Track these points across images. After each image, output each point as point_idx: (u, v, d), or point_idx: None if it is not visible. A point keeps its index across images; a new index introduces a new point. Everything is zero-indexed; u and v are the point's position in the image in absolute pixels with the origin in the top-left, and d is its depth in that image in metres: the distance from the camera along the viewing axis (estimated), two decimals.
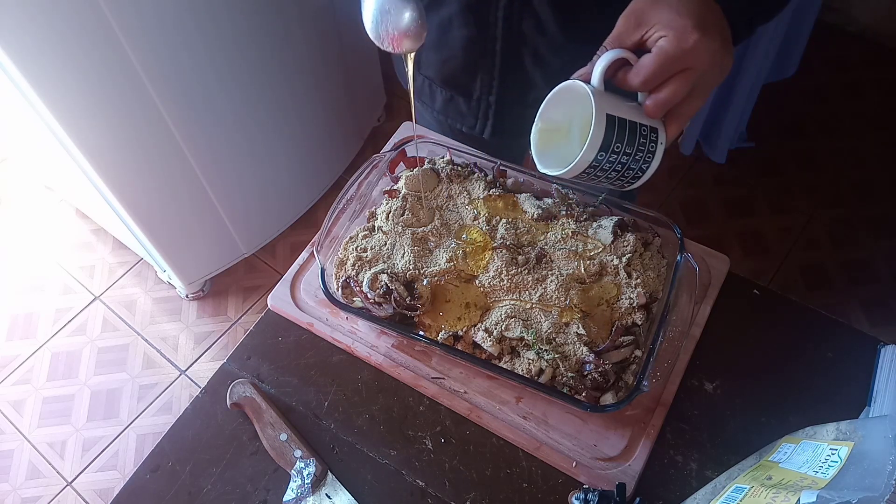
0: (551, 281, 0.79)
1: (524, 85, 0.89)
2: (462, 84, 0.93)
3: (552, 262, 0.81)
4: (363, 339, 0.84)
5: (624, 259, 0.80)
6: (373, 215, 0.88)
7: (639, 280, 0.79)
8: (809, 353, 0.82)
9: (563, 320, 0.77)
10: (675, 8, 0.56)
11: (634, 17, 0.58)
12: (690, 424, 0.78)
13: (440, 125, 1.06)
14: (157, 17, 1.32)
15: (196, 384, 1.85)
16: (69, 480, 1.73)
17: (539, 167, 0.65)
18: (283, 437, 0.77)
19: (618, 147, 0.59)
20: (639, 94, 0.61)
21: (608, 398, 0.73)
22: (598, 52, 0.60)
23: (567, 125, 0.67)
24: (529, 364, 0.74)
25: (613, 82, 0.61)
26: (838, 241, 1.98)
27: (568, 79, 0.63)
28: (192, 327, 1.94)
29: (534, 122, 0.66)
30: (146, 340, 1.92)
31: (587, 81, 0.61)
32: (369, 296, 0.79)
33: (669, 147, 0.63)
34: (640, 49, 0.59)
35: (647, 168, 0.62)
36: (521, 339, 0.76)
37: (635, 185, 0.65)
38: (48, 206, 2.17)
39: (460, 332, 0.77)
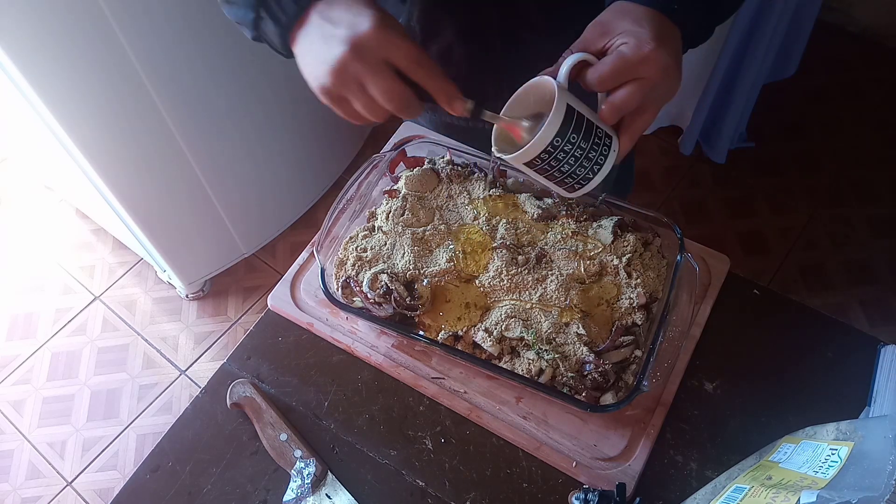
0: (551, 281, 0.79)
1: (532, 74, 0.90)
2: (472, 92, 0.94)
3: (552, 262, 0.81)
4: (363, 339, 0.84)
5: (624, 259, 0.80)
6: (373, 215, 0.88)
7: (639, 280, 0.79)
8: (809, 353, 0.82)
9: (563, 320, 0.77)
10: (638, 21, 0.60)
11: (601, 27, 0.62)
12: (690, 424, 0.78)
13: (447, 128, 1.06)
14: (157, 17, 1.32)
15: (196, 384, 1.85)
16: (69, 480, 1.73)
17: (494, 150, 0.66)
18: (283, 437, 0.77)
19: (573, 138, 0.61)
20: (598, 101, 0.64)
21: (608, 398, 0.73)
22: (564, 55, 0.63)
23: (529, 122, 0.67)
24: (529, 364, 0.74)
25: (577, 82, 0.63)
26: (838, 241, 1.98)
27: (536, 76, 0.65)
28: (192, 327, 1.94)
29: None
30: (146, 340, 1.92)
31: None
32: (369, 296, 0.79)
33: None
34: (603, 56, 0.62)
35: (598, 171, 0.64)
36: (521, 339, 0.76)
37: (580, 192, 0.66)
38: (48, 206, 2.17)
39: (460, 332, 0.77)
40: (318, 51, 0.61)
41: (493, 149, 0.67)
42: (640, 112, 0.62)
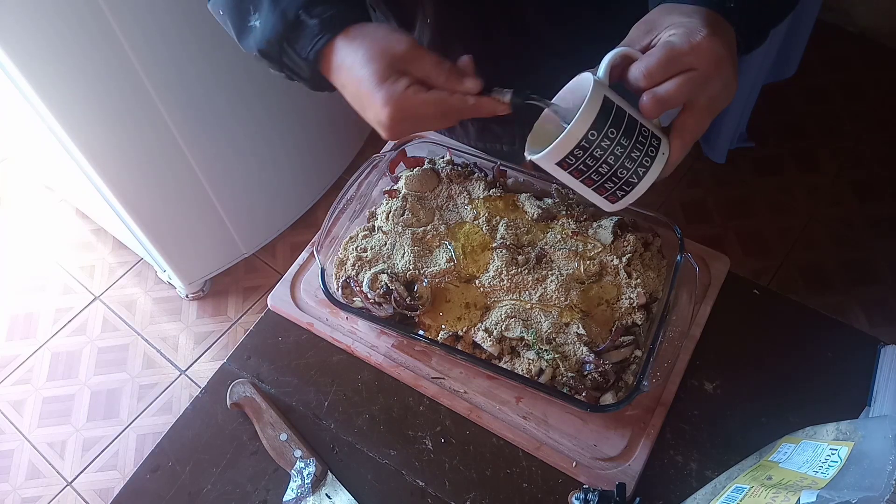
0: (551, 281, 0.79)
1: (550, 89, 0.90)
2: (494, 122, 0.94)
3: (552, 262, 0.81)
4: (363, 339, 0.84)
5: (624, 259, 0.80)
6: (373, 215, 0.88)
7: (639, 280, 0.79)
8: (809, 353, 0.82)
9: (563, 320, 0.77)
10: (688, 13, 0.55)
11: (646, 25, 0.57)
12: (690, 424, 0.78)
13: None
14: (158, 17, 1.32)
15: (196, 384, 1.85)
16: (69, 480, 1.73)
17: (527, 152, 0.61)
18: (283, 437, 0.77)
19: (611, 133, 0.55)
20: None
21: (608, 398, 0.73)
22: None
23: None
24: (529, 364, 0.74)
25: (623, 83, 0.58)
26: (838, 241, 1.98)
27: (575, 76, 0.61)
28: (192, 327, 1.94)
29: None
30: (146, 340, 1.92)
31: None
32: (369, 296, 0.79)
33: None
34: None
35: (643, 175, 0.57)
36: (521, 339, 0.76)
37: (624, 200, 0.59)
38: (48, 206, 2.17)
39: (460, 332, 0.77)
40: (367, 93, 0.62)
41: (526, 152, 0.62)
42: (692, 111, 0.55)
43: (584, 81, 0.58)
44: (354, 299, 0.81)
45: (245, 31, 0.64)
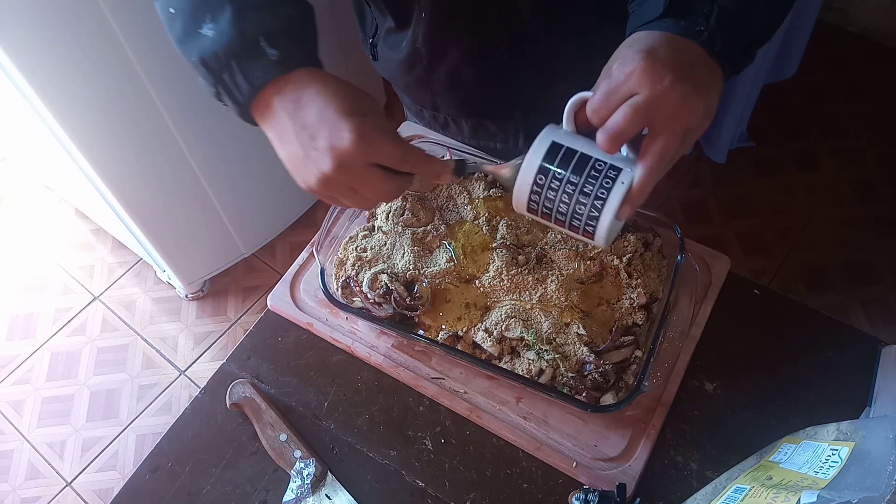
0: (551, 281, 0.79)
1: (546, 92, 0.89)
2: (486, 110, 0.94)
3: (552, 262, 0.81)
4: (363, 339, 0.84)
5: (624, 259, 0.80)
6: (373, 215, 0.88)
7: (639, 280, 0.79)
8: (809, 353, 0.82)
9: (564, 320, 0.77)
10: (633, 44, 0.55)
11: (605, 69, 0.57)
12: (691, 424, 0.78)
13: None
14: (157, 16, 1.32)
15: (196, 384, 1.85)
16: (69, 481, 1.73)
17: (514, 204, 0.63)
18: (283, 437, 0.77)
19: (559, 173, 0.57)
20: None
21: (608, 398, 0.73)
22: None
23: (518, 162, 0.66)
24: (529, 364, 0.74)
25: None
26: (838, 241, 1.98)
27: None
28: (191, 327, 1.94)
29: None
30: (146, 340, 1.92)
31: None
32: (369, 296, 0.78)
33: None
34: None
35: (603, 206, 0.57)
36: (521, 339, 0.75)
37: (598, 232, 0.59)
38: (48, 206, 2.17)
39: (460, 332, 0.77)
40: (297, 155, 0.59)
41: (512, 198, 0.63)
42: (653, 134, 0.54)
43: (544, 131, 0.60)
44: (354, 299, 0.81)
45: (192, 35, 0.61)
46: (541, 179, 0.58)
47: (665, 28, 0.56)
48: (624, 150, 0.58)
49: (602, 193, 0.57)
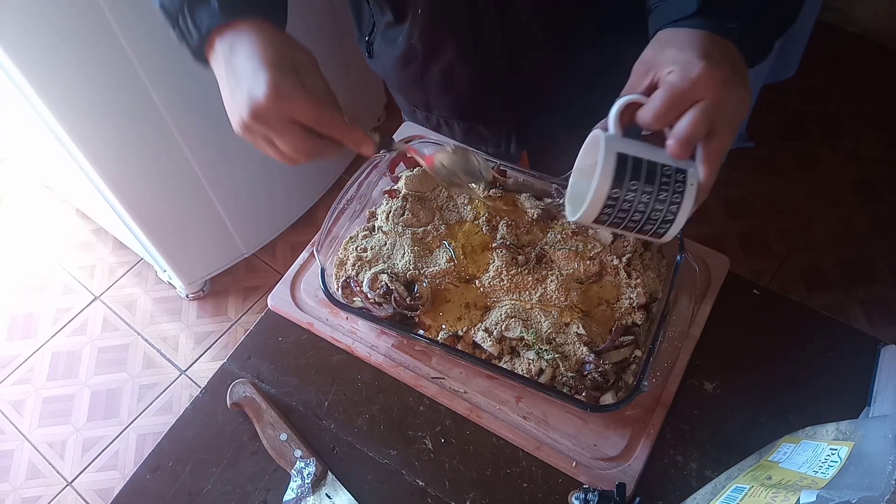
0: (551, 281, 0.79)
1: (540, 97, 0.89)
2: (479, 113, 0.94)
3: (552, 262, 0.81)
4: (363, 339, 0.84)
5: (624, 259, 0.80)
6: (373, 215, 0.88)
7: (639, 280, 0.79)
8: (809, 353, 0.82)
9: (563, 320, 0.77)
10: (680, 46, 0.57)
11: (643, 66, 0.58)
12: (690, 424, 0.78)
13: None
14: (157, 16, 1.32)
15: (196, 384, 1.85)
16: (69, 480, 1.73)
17: (568, 215, 0.64)
18: (283, 437, 0.77)
19: (633, 186, 0.57)
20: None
21: (608, 398, 0.73)
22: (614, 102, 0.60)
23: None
24: (529, 364, 0.74)
25: (635, 126, 0.60)
26: (838, 241, 1.98)
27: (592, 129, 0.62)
28: (192, 327, 1.94)
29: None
30: (146, 340, 1.92)
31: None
32: (369, 296, 0.79)
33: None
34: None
35: (678, 210, 0.59)
36: (521, 339, 0.76)
37: (669, 232, 0.62)
38: (48, 206, 2.17)
39: (460, 332, 0.77)
40: (227, 98, 0.64)
41: (567, 213, 0.64)
42: (712, 136, 0.57)
43: (596, 140, 0.60)
44: (354, 299, 0.81)
45: None
46: (615, 193, 0.57)
47: (699, 26, 0.57)
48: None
49: (676, 198, 0.58)
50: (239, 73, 0.61)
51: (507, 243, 0.81)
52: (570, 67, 0.85)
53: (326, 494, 0.75)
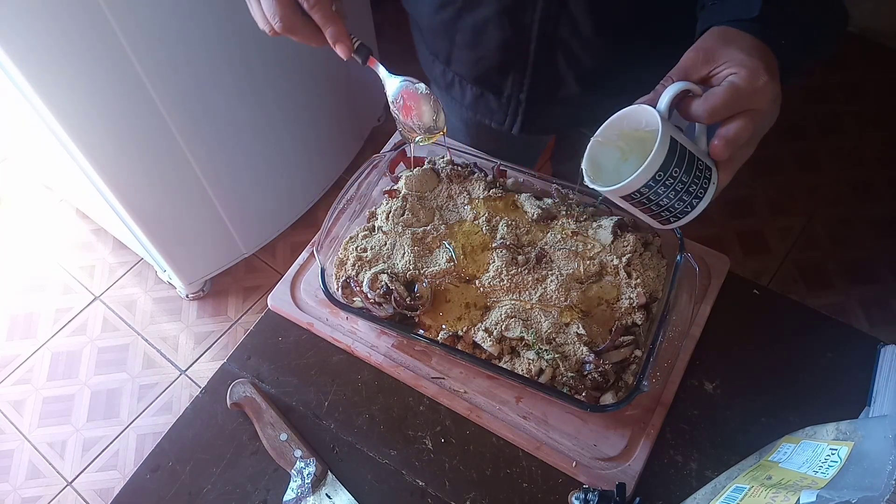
0: (551, 281, 0.79)
1: (555, 83, 0.89)
2: (494, 82, 0.93)
3: (552, 262, 0.81)
4: (363, 339, 0.84)
5: (624, 259, 0.80)
6: (373, 215, 0.88)
7: (639, 280, 0.79)
8: (809, 353, 0.82)
9: (563, 320, 0.77)
10: (747, 50, 0.58)
11: (704, 53, 0.59)
12: (690, 424, 0.78)
13: (465, 122, 1.05)
14: (157, 16, 1.32)
15: (196, 384, 1.85)
16: (69, 480, 1.73)
17: (587, 182, 0.64)
18: (283, 437, 0.77)
19: (675, 172, 0.59)
20: (696, 132, 0.61)
21: (608, 398, 0.73)
22: (662, 82, 0.61)
23: (622, 147, 0.66)
24: (529, 364, 0.74)
25: (677, 112, 0.61)
26: (838, 241, 1.98)
27: (633, 104, 0.62)
28: (192, 327, 1.94)
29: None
30: (146, 340, 1.92)
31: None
32: (369, 296, 0.79)
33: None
34: (705, 86, 0.60)
35: (696, 205, 0.61)
36: (521, 338, 0.76)
37: (673, 224, 0.64)
38: (48, 206, 2.17)
39: (460, 332, 0.77)
40: None
41: (584, 177, 0.64)
42: (745, 143, 0.59)
43: (643, 113, 0.60)
44: (354, 299, 0.81)
45: None
46: (659, 176, 0.59)
47: (754, 32, 0.59)
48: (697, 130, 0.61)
49: (700, 192, 0.61)
50: None
51: (507, 243, 0.81)
52: (596, 65, 0.85)
53: (326, 494, 0.75)
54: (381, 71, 0.73)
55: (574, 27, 0.81)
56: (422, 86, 0.74)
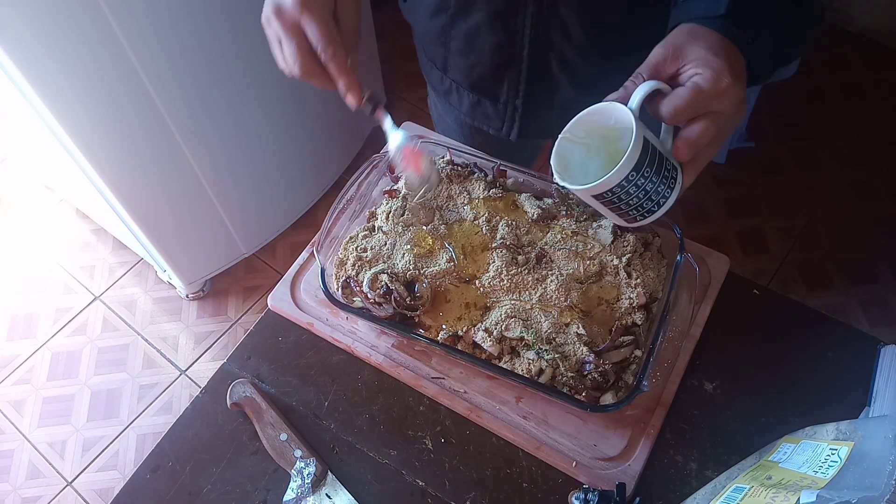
0: (551, 281, 0.79)
1: (550, 88, 0.89)
2: (489, 88, 0.94)
3: (552, 262, 0.81)
4: (363, 339, 0.84)
5: (624, 259, 0.80)
6: (373, 215, 0.88)
7: (639, 280, 0.79)
8: (809, 353, 0.82)
9: (563, 320, 0.77)
10: (714, 49, 0.58)
11: (673, 49, 0.59)
12: (690, 424, 0.78)
13: (462, 127, 1.06)
14: (157, 16, 1.33)
15: (196, 384, 1.85)
16: (69, 480, 1.73)
17: (557, 179, 0.64)
18: (283, 437, 0.77)
19: (647, 172, 0.59)
20: (663, 132, 0.62)
21: (608, 398, 0.73)
22: (632, 79, 0.61)
23: (588, 144, 0.66)
24: (529, 364, 0.74)
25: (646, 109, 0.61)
26: (838, 241, 1.98)
27: (602, 100, 0.63)
28: (192, 327, 1.94)
29: (559, 133, 0.66)
30: (146, 340, 1.92)
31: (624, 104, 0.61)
32: (369, 296, 0.79)
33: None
34: (673, 83, 0.60)
35: (662, 204, 0.62)
36: (521, 338, 0.76)
37: (639, 223, 0.65)
38: (48, 206, 2.17)
39: (460, 332, 0.77)
40: None
41: (554, 174, 0.64)
42: (708, 145, 0.60)
43: (612, 110, 0.61)
44: (354, 299, 0.81)
45: None
46: (632, 176, 0.59)
47: (720, 30, 0.59)
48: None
49: (667, 192, 0.61)
50: None
51: (507, 243, 0.81)
52: (589, 68, 0.85)
53: (326, 494, 0.75)
54: (387, 123, 0.76)
55: (565, 31, 0.82)
56: (419, 143, 0.81)
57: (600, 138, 0.64)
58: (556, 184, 0.64)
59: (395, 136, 0.78)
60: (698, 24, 0.60)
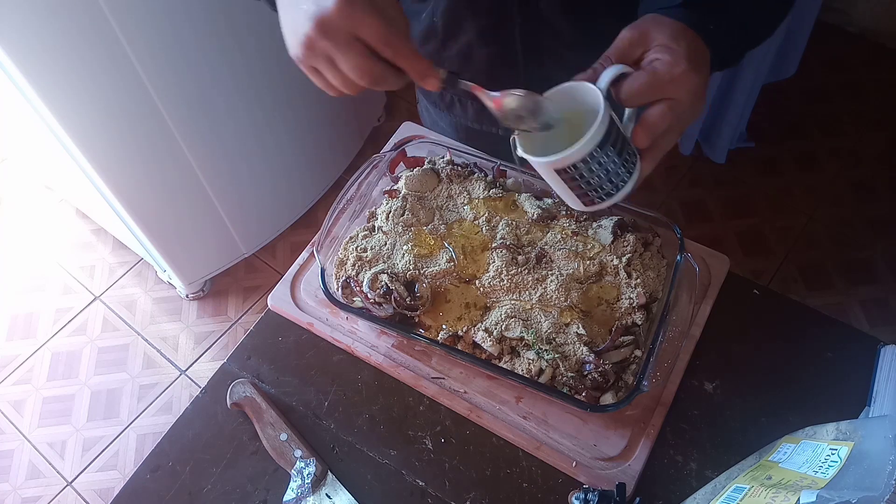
0: (551, 281, 0.79)
1: (549, 85, 0.90)
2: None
3: (552, 262, 0.81)
4: (363, 339, 0.84)
5: (624, 259, 0.80)
6: (373, 215, 0.88)
7: (639, 280, 0.79)
8: (809, 353, 0.82)
9: (563, 320, 0.77)
10: (674, 36, 0.59)
11: (638, 35, 0.60)
12: (690, 424, 0.78)
13: (459, 131, 1.06)
14: (157, 16, 1.33)
15: (196, 384, 1.85)
16: (69, 480, 1.73)
17: (520, 151, 0.63)
18: (283, 436, 0.77)
19: (609, 151, 0.59)
20: (625, 119, 0.62)
21: (608, 398, 0.73)
22: (600, 61, 0.62)
23: (558, 121, 0.66)
24: (529, 364, 0.74)
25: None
26: (838, 241, 1.98)
27: (571, 79, 0.63)
28: (192, 327, 1.94)
29: None
30: (146, 340, 1.92)
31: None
32: (369, 296, 0.79)
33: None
34: (636, 67, 0.61)
35: (620, 188, 0.62)
36: (521, 339, 0.76)
37: (596, 207, 0.64)
38: (48, 206, 2.17)
39: (460, 332, 0.77)
40: (290, 20, 0.59)
41: (517, 149, 0.63)
42: (665, 133, 0.60)
43: (584, 91, 0.61)
44: (354, 299, 0.81)
45: None
46: (595, 153, 0.59)
47: (680, 18, 0.60)
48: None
49: (626, 176, 0.61)
50: None
51: (507, 243, 0.81)
52: (582, 59, 0.86)
53: (326, 494, 0.75)
54: (479, 91, 0.66)
55: (555, 33, 0.83)
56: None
57: (562, 121, 0.64)
58: (518, 156, 0.63)
59: (496, 101, 0.66)
60: (665, 14, 0.61)
